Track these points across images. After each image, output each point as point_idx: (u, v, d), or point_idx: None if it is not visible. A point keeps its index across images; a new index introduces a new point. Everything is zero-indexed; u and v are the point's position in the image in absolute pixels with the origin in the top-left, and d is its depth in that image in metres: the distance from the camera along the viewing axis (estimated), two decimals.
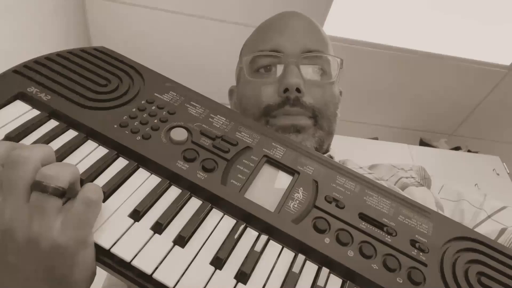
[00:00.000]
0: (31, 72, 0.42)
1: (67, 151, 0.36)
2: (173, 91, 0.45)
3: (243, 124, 0.43)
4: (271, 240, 0.35)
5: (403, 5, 1.66)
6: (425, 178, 0.61)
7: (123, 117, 0.40)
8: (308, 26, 0.60)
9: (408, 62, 1.87)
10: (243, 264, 0.32)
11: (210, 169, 0.38)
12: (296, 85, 0.54)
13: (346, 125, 2.17)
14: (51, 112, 0.39)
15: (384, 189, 0.41)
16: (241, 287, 0.31)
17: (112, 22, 1.70)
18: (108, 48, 0.48)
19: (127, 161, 0.38)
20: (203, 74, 1.91)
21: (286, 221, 0.36)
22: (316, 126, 0.57)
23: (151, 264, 0.31)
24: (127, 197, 0.35)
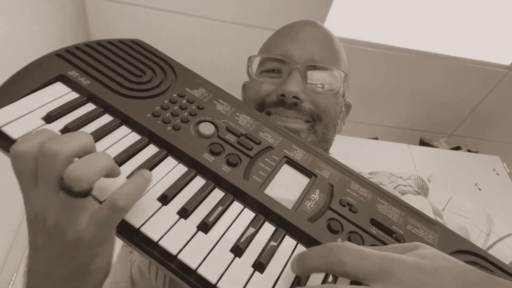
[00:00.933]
0: (72, 57, 0.44)
1: (103, 134, 0.39)
2: (203, 88, 0.47)
3: (267, 125, 0.46)
4: (287, 235, 0.37)
5: (403, 5, 1.67)
6: (423, 187, 0.63)
7: (156, 107, 0.43)
8: (320, 37, 0.62)
9: (408, 62, 1.88)
10: (260, 255, 0.34)
11: (234, 164, 0.40)
12: (293, 93, 0.55)
13: (346, 125, 2.16)
14: (89, 96, 0.42)
15: (395, 198, 0.43)
16: (258, 275, 0.33)
17: (112, 22, 1.71)
18: (144, 42, 0.50)
19: (158, 149, 0.40)
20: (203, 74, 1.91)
21: (302, 219, 0.38)
22: (311, 130, 0.58)
23: (176, 245, 0.33)
24: (156, 182, 0.37)
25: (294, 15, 1.64)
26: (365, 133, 2.23)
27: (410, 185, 0.62)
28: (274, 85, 0.58)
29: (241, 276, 0.33)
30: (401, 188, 0.61)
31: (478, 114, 2.16)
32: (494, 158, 2.00)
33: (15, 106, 0.38)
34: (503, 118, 2.19)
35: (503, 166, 1.97)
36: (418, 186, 0.63)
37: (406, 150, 1.91)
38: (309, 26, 0.62)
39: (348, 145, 1.74)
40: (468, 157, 2.01)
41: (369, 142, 1.94)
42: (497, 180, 1.90)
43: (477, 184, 1.81)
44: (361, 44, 1.80)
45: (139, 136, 0.40)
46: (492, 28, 1.74)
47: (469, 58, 1.85)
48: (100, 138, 0.39)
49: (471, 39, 1.78)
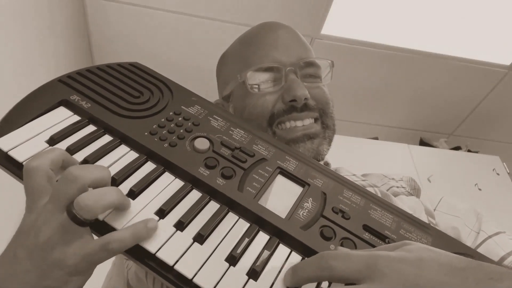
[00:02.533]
0: (73, 82, 0.47)
1: (103, 153, 0.41)
2: (198, 105, 0.49)
3: (260, 138, 0.48)
4: (281, 243, 0.39)
5: (403, 5, 1.67)
6: (415, 188, 0.64)
7: (153, 126, 0.45)
8: (294, 37, 0.63)
9: (408, 62, 1.87)
10: (254, 263, 0.36)
11: (228, 176, 0.42)
12: (304, 96, 0.56)
13: (346, 125, 2.17)
14: (90, 118, 0.44)
15: (387, 204, 0.44)
16: (252, 283, 0.34)
17: (112, 22, 1.71)
18: (142, 64, 0.53)
19: (155, 165, 0.42)
20: (203, 74, 1.87)
21: (295, 227, 0.39)
22: (324, 127, 0.60)
23: (173, 257, 0.34)
24: (154, 197, 0.39)
25: (294, 15, 1.67)
26: (365, 133, 2.22)
27: (402, 186, 0.63)
28: (275, 94, 0.59)
29: (236, 284, 0.34)
30: (394, 189, 0.62)
31: (478, 114, 2.15)
32: (494, 158, 1.98)
33: (21, 131, 0.41)
34: (503, 118, 2.17)
35: (503, 166, 1.95)
36: (410, 187, 0.64)
37: (406, 150, 1.90)
38: (282, 29, 0.63)
39: (348, 145, 1.74)
40: (468, 157, 1.99)
41: (369, 142, 1.93)
42: (497, 180, 1.88)
43: (477, 184, 1.79)
44: (361, 44, 1.79)
45: (138, 154, 0.42)
46: (492, 28, 1.73)
47: (469, 58, 1.85)
48: (100, 157, 0.41)
49: (471, 39, 1.78)
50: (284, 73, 0.58)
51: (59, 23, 1.49)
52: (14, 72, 1.15)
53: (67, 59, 1.58)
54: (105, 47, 1.82)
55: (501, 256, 0.50)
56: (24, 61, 1.22)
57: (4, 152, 0.38)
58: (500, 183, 1.87)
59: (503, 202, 1.75)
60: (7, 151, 0.38)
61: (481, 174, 1.87)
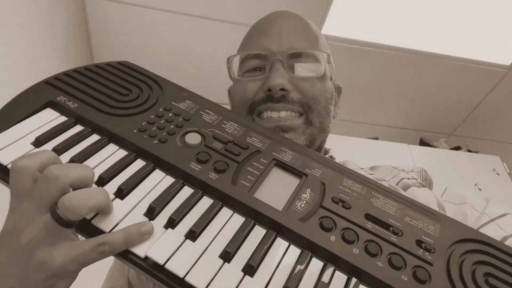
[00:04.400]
0: (60, 83, 0.46)
1: (91, 153, 0.40)
2: (189, 100, 0.48)
3: (254, 130, 0.46)
4: (279, 237, 0.37)
5: (403, 5, 1.66)
6: (427, 179, 0.61)
7: (142, 123, 0.43)
8: (295, 25, 0.60)
9: (408, 62, 1.86)
10: (250, 258, 0.34)
11: (221, 170, 0.40)
12: (279, 86, 0.54)
13: (346, 125, 2.16)
14: (77, 118, 0.43)
15: (391, 192, 0.42)
16: (248, 279, 0.33)
17: (112, 22, 1.72)
18: (131, 62, 0.51)
19: (145, 163, 0.40)
20: (203, 74, 1.91)
21: (293, 219, 0.37)
22: (307, 123, 0.57)
23: (164, 255, 0.33)
24: (144, 195, 0.37)
25: None
26: (365, 133, 2.21)
27: (413, 178, 0.60)
28: (258, 82, 0.57)
29: (231, 281, 0.32)
30: (405, 181, 0.59)
31: (478, 114, 2.13)
32: (494, 158, 1.97)
33: (6, 134, 0.40)
34: (503, 118, 2.15)
35: (503, 166, 1.94)
36: (422, 178, 0.61)
37: (406, 150, 1.90)
38: (282, 17, 0.61)
39: (348, 145, 1.73)
40: (468, 157, 1.98)
41: (369, 142, 1.93)
42: (497, 180, 1.87)
43: (477, 184, 1.78)
44: (361, 44, 1.79)
45: (126, 152, 0.41)
46: (492, 28, 1.73)
47: (469, 58, 1.84)
48: (88, 157, 0.39)
49: (471, 39, 1.77)
50: (270, 61, 0.56)
51: (59, 23, 1.49)
52: (13, 73, 1.15)
53: (67, 59, 1.59)
54: (105, 47, 1.82)
55: (503, 236, 0.47)
56: (24, 62, 1.22)
57: None
58: (500, 183, 1.86)
59: (503, 202, 1.73)
60: None
61: (481, 174, 1.86)
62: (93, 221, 0.34)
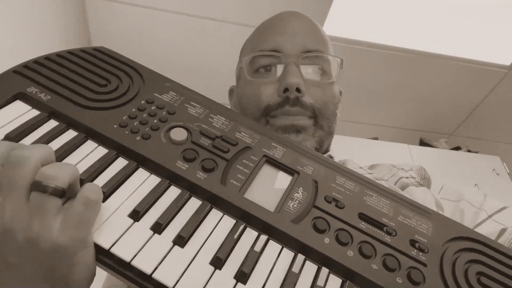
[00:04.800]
0: (30, 72, 0.42)
1: (67, 151, 0.37)
2: (173, 91, 0.45)
3: (243, 124, 0.43)
4: (271, 240, 0.35)
5: (403, 5, 1.66)
6: (425, 178, 0.61)
7: (123, 117, 0.40)
8: (308, 26, 0.61)
9: (408, 62, 1.87)
10: (242, 264, 0.32)
11: (209, 169, 0.38)
12: (296, 85, 0.54)
13: (346, 125, 2.17)
14: (50, 112, 0.39)
15: (384, 189, 0.41)
16: (241, 287, 0.31)
17: (112, 22, 1.71)
18: (108, 48, 0.48)
19: (127, 161, 0.38)
20: (203, 74, 1.90)
21: (286, 221, 0.36)
22: (316, 126, 0.57)
23: (150, 264, 0.31)
24: (127, 197, 0.35)
25: None
26: (365, 133, 2.22)
27: (412, 176, 0.60)
28: (271, 84, 0.57)
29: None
30: (403, 180, 0.59)
31: (478, 114, 2.16)
32: (494, 158, 1.99)
33: None
34: (503, 118, 2.18)
35: (503, 166, 1.96)
36: (421, 177, 0.61)
37: (406, 150, 1.91)
38: (295, 17, 0.61)
39: (348, 145, 1.73)
40: (468, 157, 2.00)
41: (369, 142, 1.93)
42: (497, 180, 1.89)
43: (477, 184, 1.80)
44: (361, 44, 1.79)
45: (107, 149, 0.38)
46: (492, 28, 1.73)
47: (469, 58, 1.85)
48: (65, 156, 0.36)
49: (471, 39, 1.78)
50: (284, 62, 0.56)
51: (59, 23, 1.47)
52: None
53: None
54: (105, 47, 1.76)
55: (500, 229, 0.48)
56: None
57: None
58: (500, 183, 1.88)
59: (503, 202, 1.76)
60: None
61: (481, 174, 1.87)
62: None
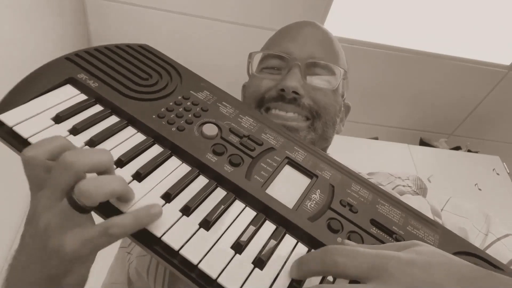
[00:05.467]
0: (81, 60, 0.46)
1: (110, 134, 0.40)
2: (207, 91, 0.48)
3: (269, 127, 0.47)
4: (288, 234, 0.38)
5: (403, 5, 1.67)
6: (421, 188, 0.63)
7: (161, 109, 0.44)
8: (320, 37, 0.63)
9: (408, 62, 1.88)
10: (260, 252, 0.35)
11: (236, 164, 0.41)
12: (293, 88, 0.55)
13: (346, 125, 2.16)
14: (97, 98, 0.43)
15: (396, 200, 0.44)
16: (257, 271, 0.34)
17: (112, 22, 1.71)
18: (151, 47, 0.52)
19: (162, 149, 0.41)
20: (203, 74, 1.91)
21: (303, 218, 0.38)
22: (310, 128, 0.59)
23: (178, 241, 0.34)
24: (160, 180, 0.38)
25: (294, 15, 1.66)
26: (365, 133, 2.22)
27: (408, 186, 0.63)
28: (274, 81, 0.59)
29: (241, 272, 0.33)
30: (400, 188, 0.61)
31: (478, 114, 2.15)
32: (494, 158, 1.98)
33: (26, 107, 0.40)
34: (503, 118, 2.17)
35: (503, 166, 1.95)
36: (417, 187, 0.63)
37: (406, 150, 1.90)
38: (310, 27, 0.63)
39: (348, 145, 1.73)
40: (468, 157, 1.99)
41: (369, 142, 1.93)
42: (497, 180, 1.88)
43: (477, 184, 1.80)
44: (361, 44, 1.80)
45: (145, 136, 0.42)
46: (492, 28, 1.73)
47: (469, 58, 1.85)
48: (107, 138, 0.40)
49: (471, 39, 1.78)
50: (289, 64, 0.58)
51: (59, 24, 1.48)
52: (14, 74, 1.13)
53: None
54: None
55: (510, 259, 0.49)
56: (24, 62, 1.20)
57: (9, 127, 0.37)
58: (500, 183, 1.87)
59: (503, 202, 1.75)
60: (12, 126, 0.37)
61: (481, 174, 1.87)
62: (111, 200, 0.35)
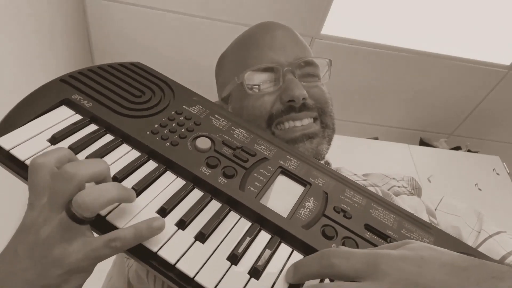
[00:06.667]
0: (75, 81, 0.47)
1: (105, 152, 0.41)
2: (200, 105, 0.49)
3: (262, 137, 0.48)
4: (283, 242, 0.38)
5: (403, 5, 1.67)
6: (416, 188, 0.63)
7: (155, 125, 0.45)
8: (292, 37, 0.63)
9: (408, 62, 1.88)
10: (256, 262, 0.36)
11: (230, 176, 0.42)
12: (301, 96, 0.56)
13: (346, 125, 2.18)
14: (91, 117, 0.44)
15: (389, 204, 0.44)
16: (254, 282, 0.34)
17: (112, 22, 1.72)
18: (144, 64, 0.53)
19: (156, 164, 0.42)
20: (203, 74, 1.87)
21: (297, 226, 0.39)
22: (323, 126, 0.60)
23: (174, 255, 0.34)
24: (155, 196, 0.39)
25: (294, 15, 1.67)
26: (365, 133, 2.22)
27: (403, 186, 0.63)
28: (273, 94, 0.58)
29: (238, 282, 0.34)
30: (395, 189, 0.62)
31: (478, 114, 2.15)
32: (494, 158, 1.98)
33: (23, 130, 0.41)
34: (503, 118, 2.17)
35: (503, 166, 1.95)
36: (412, 187, 0.64)
37: (406, 150, 1.91)
38: (278, 29, 0.63)
39: (348, 145, 1.74)
40: (468, 157, 1.99)
41: (369, 142, 1.94)
42: (497, 180, 1.88)
43: (477, 184, 1.80)
44: (361, 44, 1.80)
45: (139, 153, 0.42)
46: (492, 28, 1.74)
47: (469, 58, 1.85)
48: (102, 156, 0.41)
49: (471, 39, 1.78)
50: (281, 73, 0.58)
51: (59, 23, 1.49)
52: (14, 73, 1.15)
53: (67, 59, 1.58)
54: (105, 47, 1.81)
55: (502, 255, 0.50)
56: (24, 62, 1.22)
57: (6, 150, 0.39)
58: (500, 183, 1.87)
59: (503, 202, 1.75)
60: (9, 150, 0.38)
61: (481, 174, 1.87)
62: (108, 217, 0.36)
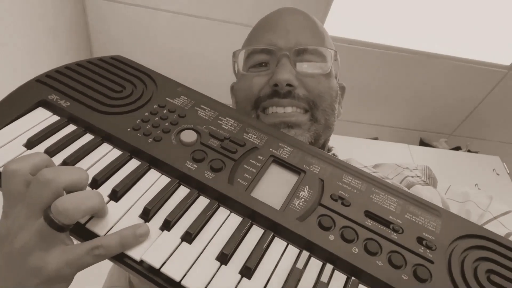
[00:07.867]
0: (52, 81, 0.45)
1: (84, 153, 0.39)
2: (184, 95, 0.47)
3: (251, 125, 0.45)
4: (276, 237, 0.36)
5: (403, 5, 1.65)
6: (431, 177, 0.60)
7: (136, 121, 0.42)
8: (302, 22, 0.59)
9: (408, 62, 1.86)
10: (247, 260, 0.33)
11: (217, 169, 0.39)
12: (286, 81, 0.53)
13: (346, 125, 2.17)
14: (70, 117, 0.42)
15: (391, 187, 0.41)
16: (245, 281, 0.32)
17: (112, 22, 1.72)
18: (124, 57, 0.50)
19: (139, 162, 0.39)
20: (203, 74, 1.91)
21: (291, 218, 0.36)
22: (312, 120, 0.56)
23: (159, 259, 0.32)
24: (139, 197, 0.37)
25: None
26: (365, 133, 2.21)
27: (417, 176, 0.59)
28: (264, 77, 0.56)
29: (228, 283, 0.32)
30: (409, 179, 0.58)
31: (478, 114, 2.13)
32: (494, 158, 1.98)
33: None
34: (503, 118, 2.15)
35: (503, 166, 1.94)
36: (426, 176, 0.60)
37: (406, 150, 1.91)
38: (289, 13, 0.60)
39: (348, 145, 1.73)
40: (468, 157, 1.99)
41: (369, 142, 1.94)
42: (497, 180, 1.88)
43: (477, 184, 1.79)
44: (361, 44, 1.78)
45: (121, 151, 0.40)
46: (492, 28, 1.71)
47: (469, 58, 1.83)
48: (81, 158, 0.39)
49: (471, 39, 1.76)
50: (277, 56, 0.55)
51: (59, 23, 1.49)
52: (14, 73, 1.14)
53: (67, 59, 1.58)
54: (105, 47, 1.82)
55: (506, 233, 0.47)
56: (24, 62, 1.22)
57: None
58: (500, 183, 1.87)
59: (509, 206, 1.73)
60: None
61: (481, 174, 1.87)
62: (88, 225, 0.34)
